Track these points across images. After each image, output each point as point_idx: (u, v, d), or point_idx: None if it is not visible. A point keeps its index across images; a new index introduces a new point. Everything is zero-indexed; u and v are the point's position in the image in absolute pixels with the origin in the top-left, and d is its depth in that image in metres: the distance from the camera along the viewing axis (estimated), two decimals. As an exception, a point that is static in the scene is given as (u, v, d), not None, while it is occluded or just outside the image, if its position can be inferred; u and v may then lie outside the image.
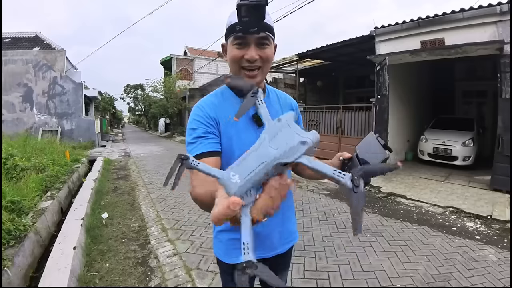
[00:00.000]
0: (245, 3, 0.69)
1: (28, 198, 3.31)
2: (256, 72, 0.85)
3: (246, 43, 0.81)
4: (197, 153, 0.80)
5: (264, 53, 0.83)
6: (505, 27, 4.64)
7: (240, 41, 0.81)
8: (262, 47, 0.82)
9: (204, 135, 0.83)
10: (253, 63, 0.83)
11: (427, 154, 6.91)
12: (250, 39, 0.80)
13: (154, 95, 23.91)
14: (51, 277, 2.01)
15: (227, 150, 0.86)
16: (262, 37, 0.81)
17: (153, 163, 8.34)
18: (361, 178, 0.42)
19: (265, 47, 0.83)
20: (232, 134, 0.87)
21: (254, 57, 0.81)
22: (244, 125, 0.89)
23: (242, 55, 0.82)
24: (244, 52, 0.81)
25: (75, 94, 12.01)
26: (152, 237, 3.13)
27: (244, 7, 0.70)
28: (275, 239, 1.02)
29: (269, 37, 0.82)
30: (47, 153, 6.24)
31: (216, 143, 0.84)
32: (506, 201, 4.18)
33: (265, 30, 0.79)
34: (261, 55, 0.82)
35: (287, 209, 1.05)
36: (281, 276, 1.14)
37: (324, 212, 3.96)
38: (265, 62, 0.85)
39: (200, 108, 0.88)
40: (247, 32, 0.78)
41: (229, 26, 0.81)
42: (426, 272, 2.42)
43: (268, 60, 0.85)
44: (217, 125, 0.86)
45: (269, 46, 0.84)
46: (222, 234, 1.00)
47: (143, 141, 17.28)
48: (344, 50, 8.13)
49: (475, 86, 8.50)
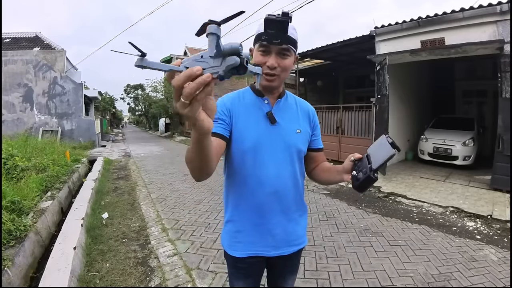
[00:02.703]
0: (271, 18, 0.78)
1: (29, 198, 3.31)
2: (274, 77, 0.95)
3: (269, 52, 0.91)
4: None
5: (283, 62, 0.93)
6: (505, 27, 4.64)
7: (263, 49, 0.92)
8: (282, 57, 0.92)
9: (215, 119, 0.93)
10: (272, 70, 0.92)
11: (427, 153, 6.90)
12: (272, 49, 0.90)
13: (154, 95, 23.93)
14: (52, 277, 2.01)
15: (238, 139, 0.97)
16: (284, 49, 0.91)
17: (153, 163, 8.35)
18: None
19: (285, 57, 0.93)
20: (244, 126, 0.98)
21: (273, 65, 0.91)
22: (256, 120, 0.99)
23: (264, 62, 0.92)
24: (266, 59, 0.91)
25: (75, 94, 12.02)
26: (152, 237, 3.13)
27: (270, 22, 0.79)
28: (278, 237, 1.03)
29: (290, 49, 0.92)
30: (47, 153, 6.25)
31: (222, 128, 0.94)
32: (506, 200, 4.18)
33: (287, 42, 0.90)
34: (280, 64, 0.92)
35: (294, 211, 1.06)
36: (289, 279, 1.16)
37: (324, 212, 3.96)
38: (283, 70, 0.95)
39: (221, 99, 1.03)
40: (271, 42, 0.89)
41: (257, 34, 0.92)
42: (426, 271, 2.42)
43: (286, 69, 0.95)
44: (230, 115, 0.98)
45: (289, 57, 0.93)
46: (228, 224, 1.06)
47: (143, 141, 17.29)
48: (344, 50, 8.12)
49: (475, 85, 8.49)
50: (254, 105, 1.02)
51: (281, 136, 1.00)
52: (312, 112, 1.13)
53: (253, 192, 0.99)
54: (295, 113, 1.07)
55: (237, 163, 0.99)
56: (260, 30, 0.90)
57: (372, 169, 0.82)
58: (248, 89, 1.06)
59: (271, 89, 1.01)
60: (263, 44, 0.91)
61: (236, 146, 0.98)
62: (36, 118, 11.59)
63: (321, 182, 1.14)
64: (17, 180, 4.05)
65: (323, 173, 1.10)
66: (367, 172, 0.83)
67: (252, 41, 0.98)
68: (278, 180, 0.99)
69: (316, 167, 1.14)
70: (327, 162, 1.15)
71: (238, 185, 1.01)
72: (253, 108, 1.01)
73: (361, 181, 0.85)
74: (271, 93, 1.03)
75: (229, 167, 1.03)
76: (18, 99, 11.39)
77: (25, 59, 11.34)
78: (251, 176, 0.98)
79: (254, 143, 0.97)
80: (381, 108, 6.09)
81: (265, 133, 0.99)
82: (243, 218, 1.02)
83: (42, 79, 11.56)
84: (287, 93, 1.08)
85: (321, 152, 1.15)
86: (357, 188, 0.87)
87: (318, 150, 1.13)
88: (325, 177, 1.08)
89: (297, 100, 1.12)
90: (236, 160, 0.99)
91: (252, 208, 1.00)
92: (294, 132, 1.03)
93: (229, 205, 1.05)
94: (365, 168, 0.85)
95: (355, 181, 0.88)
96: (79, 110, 12.15)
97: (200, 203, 4.31)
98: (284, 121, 1.02)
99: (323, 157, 1.15)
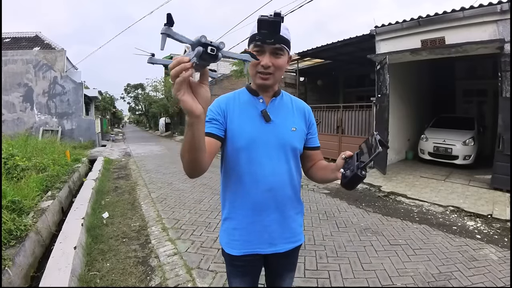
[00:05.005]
0: (264, 18, 0.82)
1: (29, 198, 3.31)
2: (268, 76, 0.97)
3: (263, 51, 0.94)
4: None
5: (277, 61, 0.96)
6: (505, 26, 4.63)
7: (258, 49, 0.95)
8: (276, 56, 0.95)
9: (209, 120, 0.97)
10: (267, 69, 0.95)
11: (428, 153, 6.90)
12: (266, 48, 0.94)
13: (155, 95, 23.93)
14: (52, 277, 2.01)
15: (233, 137, 0.99)
16: (277, 48, 0.94)
17: (153, 163, 8.35)
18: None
19: (279, 56, 0.96)
20: (238, 124, 1.00)
21: (267, 63, 0.94)
22: (251, 118, 1.01)
23: (259, 61, 0.94)
24: (261, 58, 0.94)
25: (76, 93, 12.02)
26: (152, 236, 3.13)
27: (263, 22, 0.83)
28: (274, 233, 1.04)
29: (283, 48, 0.95)
30: (47, 153, 6.26)
31: (216, 128, 0.97)
32: (507, 200, 4.17)
33: (280, 42, 0.92)
34: (274, 63, 0.95)
35: (289, 208, 1.07)
36: (286, 278, 1.16)
37: (324, 211, 3.96)
38: (277, 69, 0.97)
39: (216, 100, 1.06)
40: (264, 42, 0.92)
41: (251, 35, 0.95)
42: (426, 271, 2.42)
43: (280, 68, 0.98)
44: (224, 115, 1.00)
45: (282, 56, 0.96)
46: (226, 222, 1.08)
47: (144, 140, 17.30)
48: (344, 49, 8.10)
49: (476, 85, 8.48)
50: (249, 104, 1.03)
51: (275, 134, 1.01)
52: (308, 110, 1.14)
53: (248, 190, 1.00)
54: (290, 111, 1.08)
55: (233, 161, 1.00)
56: (254, 31, 0.93)
57: (359, 167, 0.83)
58: (244, 90, 1.08)
59: (266, 88, 1.02)
60: (257, 44, 0.94)
61: (231, 145, 1.00)
62: (36, 118, 11.59)
63: (318, 181, 1.15)
64: (18, 179, 4.06)
65: (319, 172, 1.10)
66: (355, 169, 0.84)
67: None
68: (273, 178, 1.00)
69: (313, 165, 1.14)
70: (324, 160, 1.16)
71: (234, 183, 1.02)
72: (248, 107, 1.02)
73: (349, 178, 0.85)
74: (266, 92, 1.04)
75: (225, 165, 1.04)
76: (18, 99, 11.40)
77: (25, 59, 11.34)
78: (247, 174, 0.99)
79: (248, 141, 0.98)
80: (381, 108, 6.09)
81: (260, 131, 1.00)
82: (240, 216, 1.03)
83: (42, 78, 11.57)
84: (282, 92, 1.10)
85: (318, 150, 1.15)
86: (345, 185, 0.88)
87: (314, 149, 1.14)
88: (321, 175, 1.09)
89: (292, 99, 1.14)
90: (231, 158, 1.01)
91: (248, 205, 1.01)
92: (289, 130, 1.04)
93: (226, 203, 1.07)
94: (353, 166, 0.85)
95: (343, 178, 0.89)
96: (79, 110, 12.15)
97: (201, 203, 4.32)
98: (279, 119, 1.03)
99: (320, 156, 1.16)
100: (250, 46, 0.98)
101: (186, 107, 0.61)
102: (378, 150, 0.79)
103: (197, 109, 0.63)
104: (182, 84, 0.59)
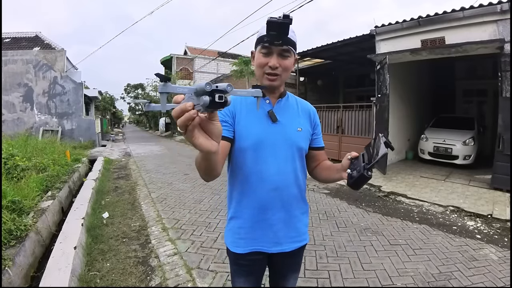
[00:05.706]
0: (273, 20, 0.82)
1: (29, 198, 3.31)
2: (275, 77, 0.99)
3: (271, 53, 0.96)
4: None
5: (284, 63, 0.97)
6: (505, 26, 4.63)
7: (266, 51, 0.96)
8: (283, 57, 0.97)
9: (220, 122, 0.94)
10: (274, 70, 0.97)
11: (428, 153, 6.90)
12: (274, 50, 0.95)
13: (155, 95, 23.91)
14: (52, 277, 2.01)
15: (240, 137, 1.01)
16: (284, 50, 0.95)
17: (153, 163, 8.35)
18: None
19: (286, 58, 0.97)
20: (246, 125, 1.01)
21: (275, 65, 0.96)
22: (258, 119, 1.02)
23: (266, 63, 0.96)
24: (268, 60, 0.96)
25: (76, 93, 12.02)
26: (152, 236, 3.13)
27: (273, 24, 0.83)
28: (280, 232, 1.05)
29: (290, 50, 0.97)
30: (47, 153, 6.25)
31: (227, 130, 0.98)
32: (507, 200, 4.17)
33: (287, 44, 0.94)
34: (281, 64, 0.97)
35: (295, 207, 1.08)
36: (291, 278, 1.17)
37: (324, 211, 3.96)
38: (284, 70, 0.99)
39: None
40: (272, 43, 0.93)
41: (259, 37, 0.97)
42: (426, 271, 2.42)
43: (287, 69, 1.00)
44: (233, 115, 1.02)
45: (289, 57, 0.98)
46: (231, 221, 1.08)
47: (144, 140, 17.29)
48: (344, 49, 8.11)
49: (476, 85, 8.48)
50: (255, 104, 1.04)
51: (282, 134, 1.03)
52: (313, 111, 1.16)
53: (255, 189, 1.01)
54: (296, 112, 1.10)
55: (240, 160, 1.02)
56: (261, 33, 0.95)
57: (365, 167, 0.84)
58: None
59: (273, 89, 1.04)
60: (265, 46, 0.95)
61: (238, 144, 1.01)
62: (36, 118, 11.59)
63: (322, 180, 1.17)
64: (18, 180, 4.06)
65: (324, 172, 1.12)
66: (361, 170, 0.85)
67: (254, 43, 1.01)
68: (279, 177, 1.02)
69: (318, 165, 1.16)
70: (328, 160, 1.17)
71: (241, 182, 1.03)
72: (254, 108, 1.03)
73: (355, 179, 0.87)
74: (272, 93, 1.06)
75: (232, 164, 1.05)
76: (18, 99, 11.40)
77: (25, 59, 11.34)
78: (253, 173, 1.01)
79: (255, 141, 1.00)
80: (381, 108, 6.09)
81: (267, 131, 1.02)
82: (246, 214, 1.04)
83: (42, 78, 11.56)
84: (288, 93, 1.12)
85: (322, 151, 1.17)
86: (352, 185, 0.90)
87: (319, 149, 1.16)
88: (326, 175, 1.10)
89: (298, 100, 1.15)
90: (238, 157, 1.02)
91: (254, 204, 1.02)
92: (295, 130, 1.05)
93: (232, 202, 1.08)
94: (359, 167, 0.87)
95: (349, 179, 0.91)
96: (79, 110, 12.15)
97: (201, 203, 4.32)
98: (285, 120, 1.05)
99: (324, 156, 1.18)
100: (257, 48, 0.99)
101: (202, 149, 0.58)
102: (384, 152, 0.80)
103: (213, 146, 0.59)
104: (193, 131, 0.54)
